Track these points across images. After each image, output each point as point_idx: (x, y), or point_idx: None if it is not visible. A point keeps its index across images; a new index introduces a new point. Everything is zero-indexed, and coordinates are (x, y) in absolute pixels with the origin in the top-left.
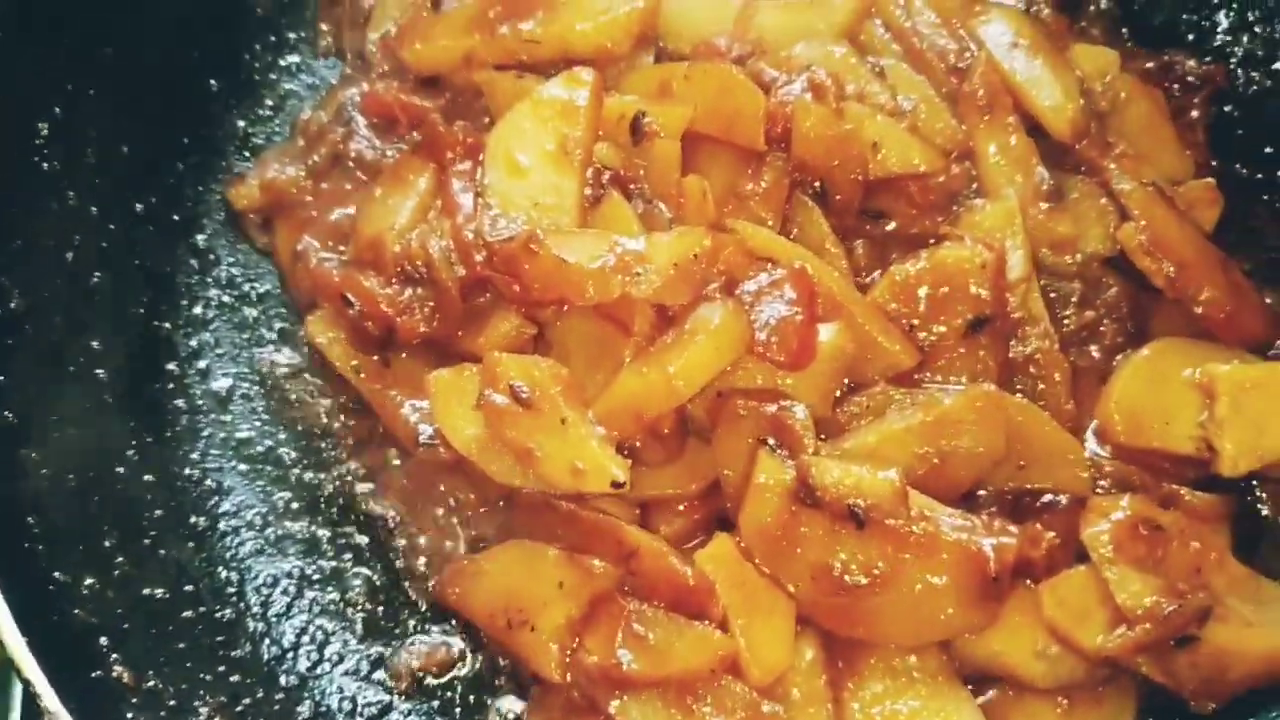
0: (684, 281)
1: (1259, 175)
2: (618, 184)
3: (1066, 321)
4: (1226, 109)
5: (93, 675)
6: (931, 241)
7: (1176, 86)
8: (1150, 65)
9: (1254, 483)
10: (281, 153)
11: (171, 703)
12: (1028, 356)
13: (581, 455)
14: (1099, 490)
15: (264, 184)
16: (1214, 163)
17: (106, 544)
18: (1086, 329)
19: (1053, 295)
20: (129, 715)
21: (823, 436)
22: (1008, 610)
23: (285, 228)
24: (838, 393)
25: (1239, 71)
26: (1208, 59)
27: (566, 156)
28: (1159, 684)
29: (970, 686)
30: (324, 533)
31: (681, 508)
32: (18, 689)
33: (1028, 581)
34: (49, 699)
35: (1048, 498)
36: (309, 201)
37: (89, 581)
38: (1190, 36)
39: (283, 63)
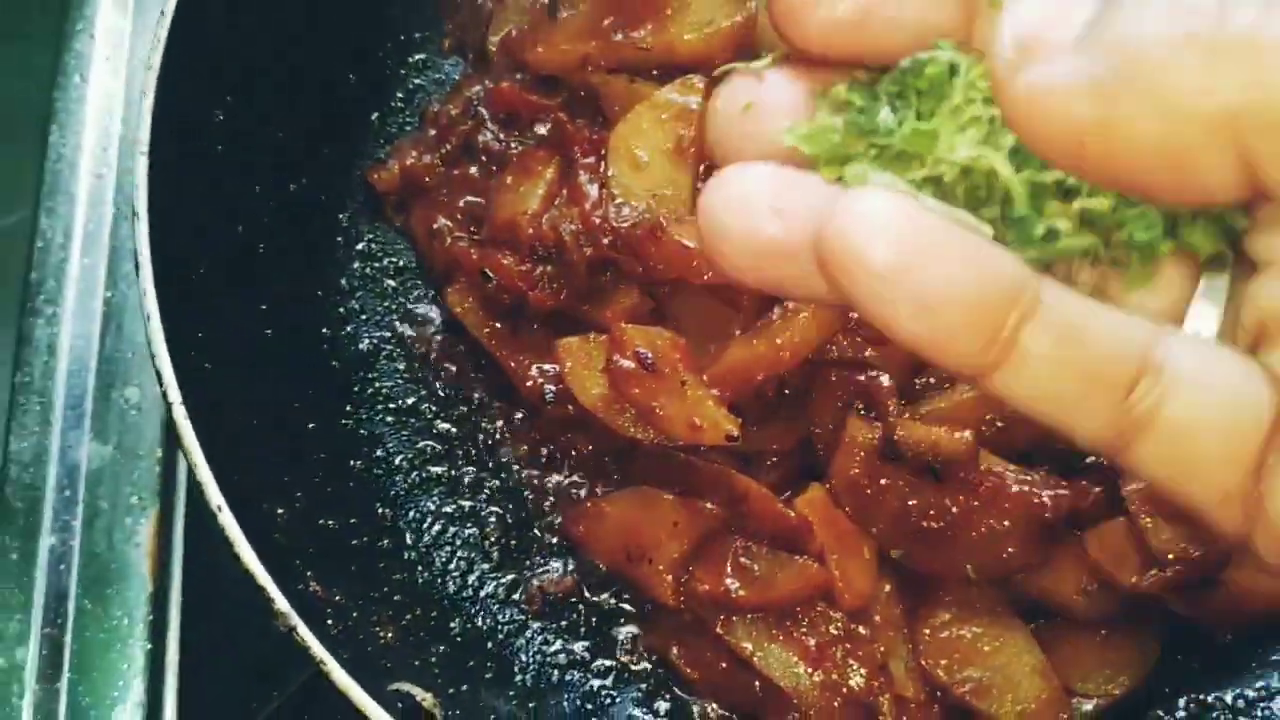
0: None
1: None
2: None
3: None
4: None
5: (298, 588)
6: None
7: None
8: None
9: None
10: (415, 141)
11: (355, 615)
12: None
13: (699, 413)
14: None
15: (402, 169)
16: None
17: (286, 479)
18: None
19: None
20: (328, 620)
21: (903, 402)
22: (1058, 553)
23: (420, 209)
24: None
25: None
26: None
27: (681, 154)
28: (1184, 617)
29: (1025, 617)
30: (462, 476)
31: (776, 460)
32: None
33: (1075, 531)
34: (282, 603)
35: (1091, 459)
36: (441, 186)
37: (280, 511)
38: None
39: (411, 59)
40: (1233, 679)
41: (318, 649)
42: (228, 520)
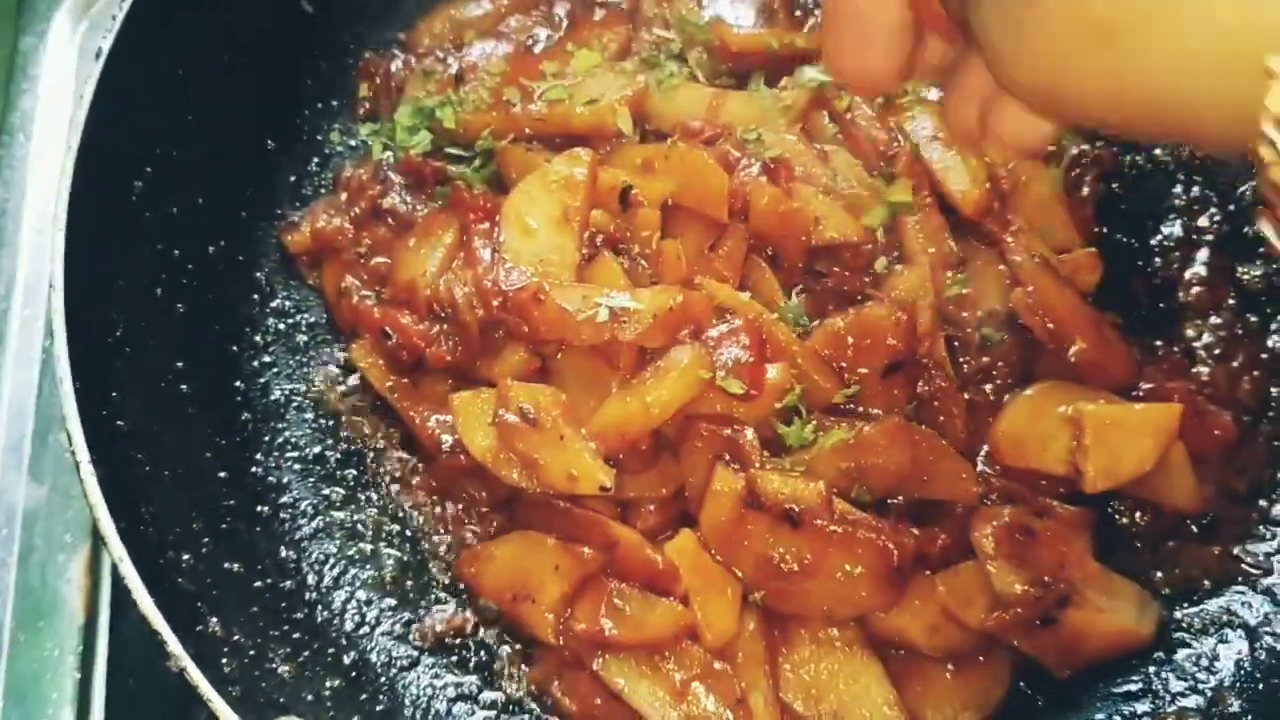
0: (661, 329)
1: (1136, 244)
2: (608, 245)
3: (966, 365)
4: (1114, 186)
5: (196, 629)
6: (859, 299)
7: (1073, 166)
8: (1051, 147)
9: (1112, 500)
10: (328, 204)
11: (252, 652)
12: (931, 393)
13: (576, 465)
14: (988, 501)
15: (314, 231)
16: (1102, 230)
17: (195, 527)
18: (982, 371)
19: (955, 344)
20: (223, 660)
21: (765, 454)
22: (909, 594)
23: (331, 268)
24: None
25: (1125, 155)
26: (1100, 144)
27: (567, 222)
28: (1028, 654)
29: (879, 654)
30: (363, 521)
31: (654, 507)
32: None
33: (926, 571)
34: (174, 646)
35: (945, 506)
36: (351, 247)
37: (186, 557)
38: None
39: (327, 126)
40: (1075, 713)
41: (205, 688)
42: (128, 570)
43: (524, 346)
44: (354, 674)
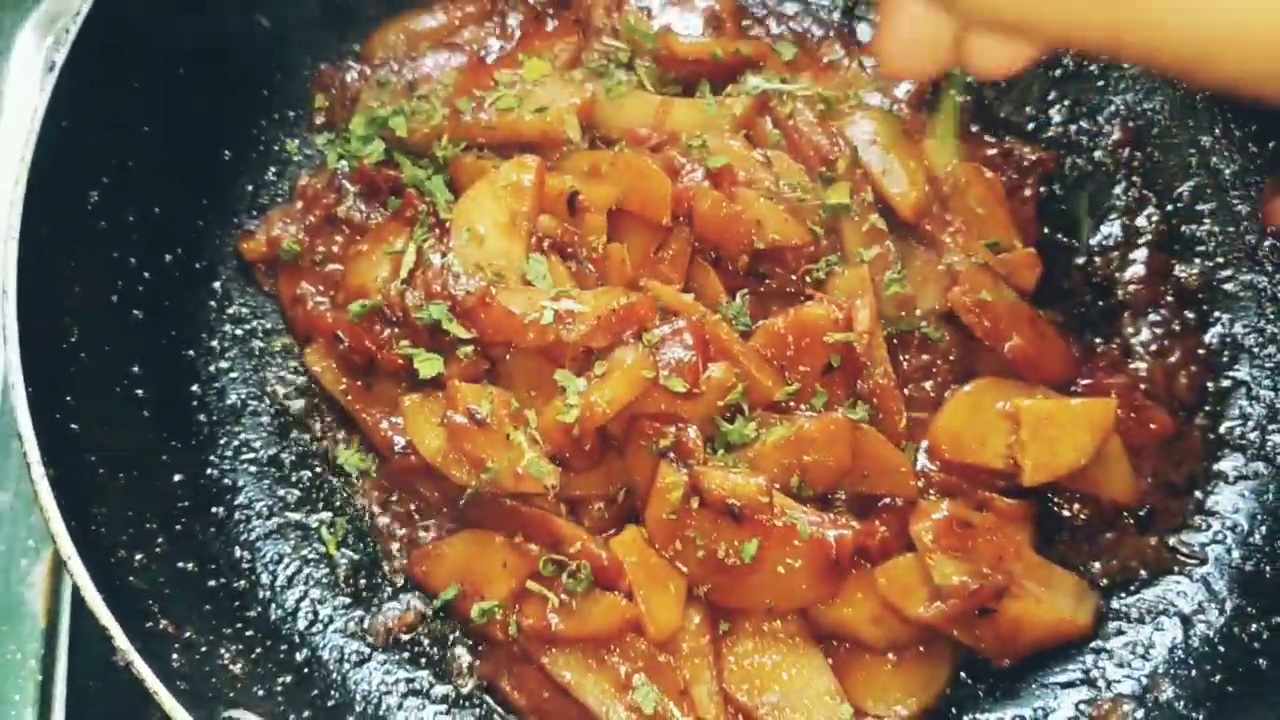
0: (605, 330)
1: (1075, 243)
2: (556, 249)
3: (906, 362)
4: (1054, 188)
5: (146, 626)
6: (801, 299)
7: (1014, 169)
8: (993, 151)
9: (1052, 493)
10: (284, 213)
11: (204, 649)
12: (870, 390)
13: (522, 464)
14: (928, 495)
15: (269, 239)
16: (1044, 231)
17: (148, 528)
18: (922, 369)
19: (895, 342)
20: (174, 655)
21: (709, 450)
22: (850, 586)
23: (286, 276)
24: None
25: (1066, 158)
26: (1041, 146)
27: (515, 227)
28: (968, 645)
29: (823, 645)
30: (317, 521)
31: (600, 505)
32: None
33: (867, 565)
34: (121, 641)
35: (886, 500)
36: (306, 254)
37: (139, 557)
38: (1029, 127)
39: (284, 136)
40: (1014, 702)
41: (151, 681)
42: (76, 568)
43: (473, 349)
44: (306, 670)
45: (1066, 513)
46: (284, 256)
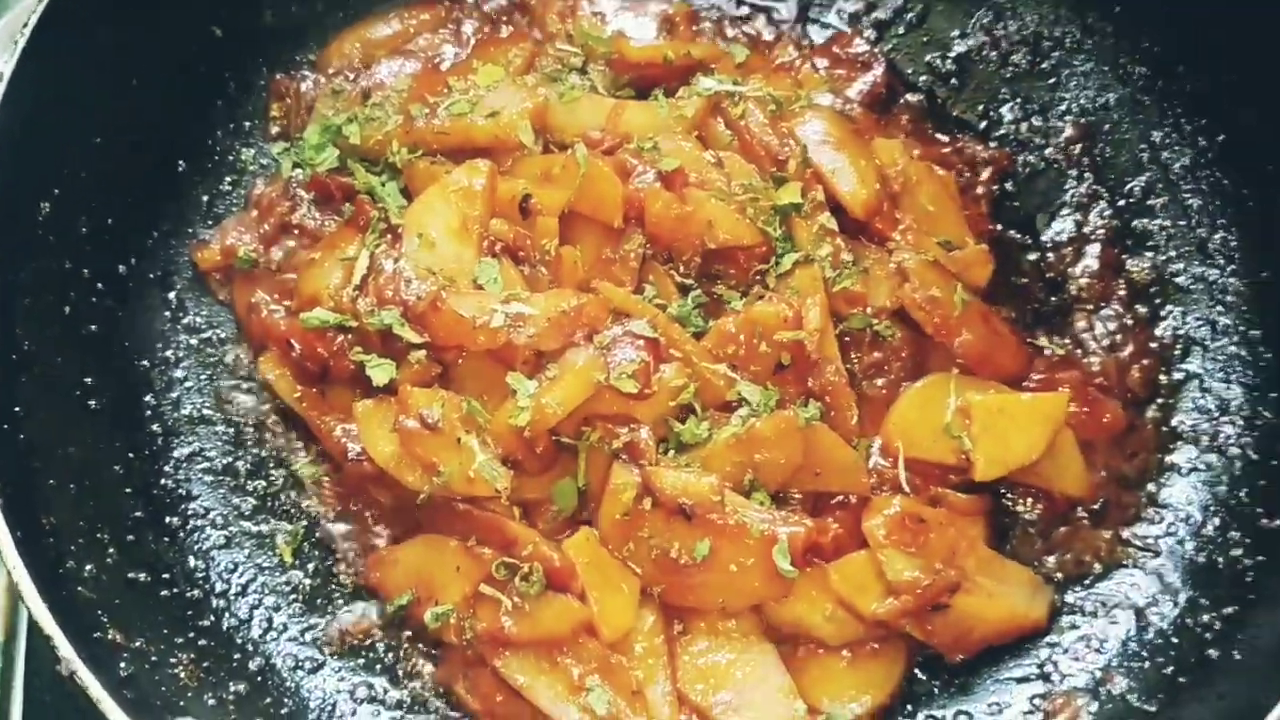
0: (555, 332)
1: (1028, 239)
2: (508, 253)
3: (858, 360)
4: (1007, 185)
5: (94, 636)
6: (755, 299)
7: (967, 166)
8: (946, 149)
9: (1003, 488)
10: (238, 222)
11: (154, 658)
12: (822, 388)
13: (473, 467)
14: (881, 492)
15: (224, 248)
16: (996, 227)
17: (99, 538)
18: (874, 366)
19: (847, 340)
20: (122, 665)
21: (661, 451)
22: (804, 584)
23: (241, 284)
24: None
25: (1018, 155)
26: (994, 144)
27: (467, 231)
28: (922, 640)
29: (777, 643)
30: (272, 529)
31: (554, 507)
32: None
33: (821, 562)
34: (65, 650)
35: (840, 498)
36: (260, 263)
37: (89, 567)
38: (981, 125)
39: (239, 145)
40: (968, 697)
41: (95, 689)
42: (20, 577)
43: (425, 354)
44: (259, 678)
45: (1020, 507)
46: (239, 265)
